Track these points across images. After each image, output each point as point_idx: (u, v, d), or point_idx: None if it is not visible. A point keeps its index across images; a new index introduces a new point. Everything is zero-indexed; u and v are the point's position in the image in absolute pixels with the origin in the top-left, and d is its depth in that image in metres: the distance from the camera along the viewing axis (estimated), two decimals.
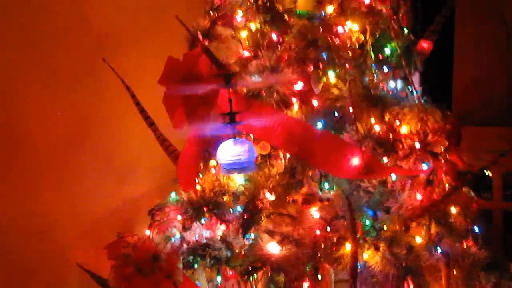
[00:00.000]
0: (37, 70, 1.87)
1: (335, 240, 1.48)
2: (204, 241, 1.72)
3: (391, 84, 1.70)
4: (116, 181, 2.18)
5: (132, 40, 2.25)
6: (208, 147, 1.66)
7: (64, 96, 1.96)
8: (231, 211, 1.75)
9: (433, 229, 1.63)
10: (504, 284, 1.78)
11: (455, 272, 1.69)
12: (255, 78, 1.61)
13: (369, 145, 1.53)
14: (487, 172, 1.96)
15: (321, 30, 1.55)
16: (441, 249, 1.68)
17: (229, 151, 1.33)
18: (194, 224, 1.82)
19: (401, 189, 1.70)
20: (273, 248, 1.51)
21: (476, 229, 1.79)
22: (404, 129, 1.68)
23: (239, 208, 1.76)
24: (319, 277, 1.49)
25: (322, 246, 1.48)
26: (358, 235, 1.47)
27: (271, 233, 1.56)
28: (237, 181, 1.75)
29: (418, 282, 1.52)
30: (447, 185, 1.72)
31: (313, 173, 1.60)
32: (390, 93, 1.67)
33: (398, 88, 1.73)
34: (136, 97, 1.86)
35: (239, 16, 1.65)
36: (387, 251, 1.53)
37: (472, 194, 1.82)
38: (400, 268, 1.50)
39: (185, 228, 1.83)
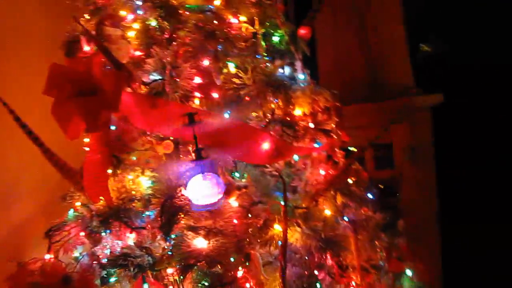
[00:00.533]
0: None
1: (261, 224, 1.52)
2: (118, 252, 1.64)
3: (281, 70, 1.77)
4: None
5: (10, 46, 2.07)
6: (114, 153, 1.59)
7: None
8: (142, 216, 1.71)
9: (339, 200, 1.75)
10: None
11: (360, 238, 1.84)
12: (154, 76, 1.58)
13: (276, 129, 1.59)
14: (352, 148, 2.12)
15: (216, 22, 1.58)
16: (347, 218, 1.81)
17: (201, 189, 1.34)
18: (103, 236, 1.73)
19: (303, 168, 1.80)
20: (201, 243, 1.50)
21: (370, 196, 1.96)
22: (298, 111, 1.78)
23: (148, 213, 1.72)
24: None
25: (250, 231, 1.51)
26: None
27: (194, 229, 1.54)
28: (144, 184, 1.70)
29: (338, 251, 1.62)
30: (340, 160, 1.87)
31: (225, 163, 1.61)
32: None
33: (287, 74, 1.81)
34: (14, 112, 1.70)
35: (130, 14, 1.60)
36: (304, 226, 1.60)
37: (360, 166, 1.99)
38: (321, 240, 1.58)
39: (94, 243, 1.73)
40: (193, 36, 1.55)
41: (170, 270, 1.61)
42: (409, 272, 2.02)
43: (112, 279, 1.75)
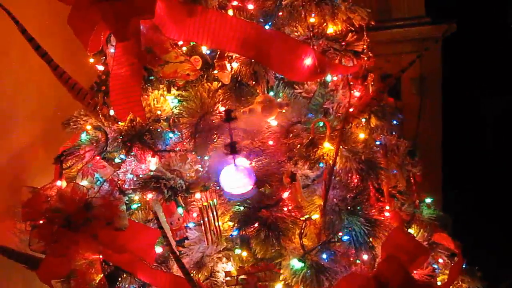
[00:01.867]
0: None
1: (306, 143, 1.43)
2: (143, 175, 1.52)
3: None
4: None
5: None
6: (144, 65, 1.44)
7: None
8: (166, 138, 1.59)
9: (373, 123, 1.68)
10: None
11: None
12: None
13: (321, 44, 1.48)
14: None
15: None
16: (380, 141, 1.75)
17: (232, 179, 1.33)
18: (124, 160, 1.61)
19: (335, 89, 1.71)
20: (243, 162, 1.39)
21: (394, 122, 1.90)
22: (330, 29, 1.67)
23: (171, 134, 1.60)
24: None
25: (296, 151, 1.42)
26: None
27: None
28: (170, 104, 1.57)
29: (377, 174, 1.55)
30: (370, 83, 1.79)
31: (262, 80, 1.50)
32: None
33: None
34: (21, 24, 1.50)
35: None
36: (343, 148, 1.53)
37: None
38: (361, 163, 1.51)
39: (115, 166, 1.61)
40: None
41: (198, 195, 1.52)
42: (428, 200, 2.01)
43: (134, 206, 1.66)
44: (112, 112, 1.60)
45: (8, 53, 1.86)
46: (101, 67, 1.72)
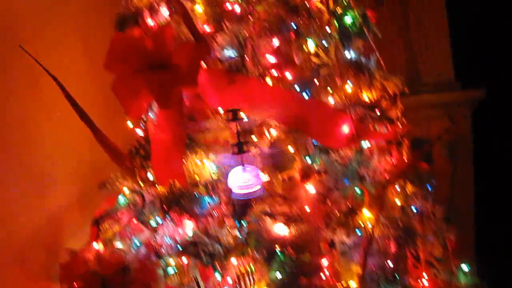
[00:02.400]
0: None
1: (345, 210, 1.44)
2: (181, 240, 1.53)
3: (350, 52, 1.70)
4: (35, 191, 1.83)
5: (44, 22, 1.94)
6: (187, 131, 1.48)
7: None
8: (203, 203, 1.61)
9: (409, 189, 1.68)
10: None
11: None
12: (228, 52, 1.48)
13: (358, 112, 1.51)
14: None
15: None
16: (416, 208, 1.75)
17: (240, 179, 1.38)
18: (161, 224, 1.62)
19: (370, 155, 1.72)
20: (281, 229, 1.41)
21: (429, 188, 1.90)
22: (365, 97, 1.70)
23: (208, 199, 1.62)
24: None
25: (334, 218, 1.42)
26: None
27: (270, 215, 1.45)
28: (210, 169, 1.59)
29: (414, 241, 1.55)
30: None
31: (299, 147, 1.52)
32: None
33: (353, 57, 1.73)
34: (66, 89, 1.57)
35: None
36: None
37: None
38: (399, 229, 1.51)
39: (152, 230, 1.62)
40: (274, 10, 1.46)
41: (234, 261, 1.52)
42: (465, 268, 1.97)
43: (171, 270, 1.66)
44: (150, 176, 1.64)
45: (50, 117, 1.92)
46: (140, 132, 1.77)
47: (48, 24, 1.98)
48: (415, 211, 1.74)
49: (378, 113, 1.71)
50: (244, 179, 1.38)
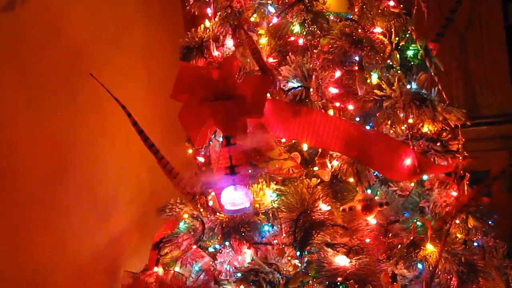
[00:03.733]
0: (19, 93, 1.58)
1: (407, 243, 1.43)
2: (240, 267, 1.55)
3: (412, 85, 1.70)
4: (98, 216, 1.90)
5: (111, 52, 2.03)
6: (250, 161, 1.51)
7: (45, 122, 1.67)
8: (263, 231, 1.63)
9: (471, 223, 1.65)
10: None
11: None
12: (292, 84, 1.52)
13: (420, 145, 1.51)
14: None
15: (360, 30, 1.52)
16: (477, 242, 1.71)
17: (231, 197, 1.43)
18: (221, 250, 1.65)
19: (431, 188, 1.71)
20: (343, 260, 1.41)
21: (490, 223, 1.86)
22: (425, 129, 1.70)
23: (267, 227, 1.64)
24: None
25: (397, 251, 1.42)
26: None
27: (331, 246, 1.45)
28: (269, 198, 1.62)
29: (478, 277, 1.51)
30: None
31: (362, 179, 1.53)
32: None
33: (415, 89, 1.74)
34: (132, 116, 1.63)
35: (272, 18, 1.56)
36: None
37: None
38: (461, 264, 1.49)
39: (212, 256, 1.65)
40: (338, 43, 1.49)
41: None
42: None
43: None
44: (210, 202, 1.68)
45: (113, 143, 1.99)
46: (201, 159, 1.81)
47: (115, 54, 2.08)
48: (476, 245, 1.72)
49: (440, 146, 1.71)
50: (235, 198, 1.43)
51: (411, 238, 1.45)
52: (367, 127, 1.54)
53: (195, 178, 1.67)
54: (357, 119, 1.58)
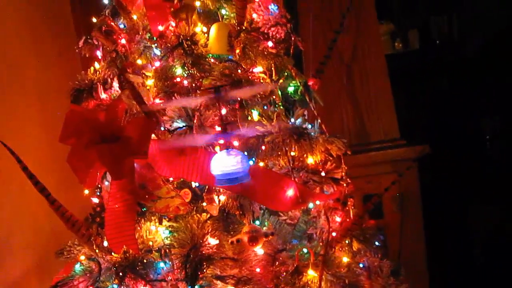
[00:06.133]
0: None
1: (292, 271, 1.51)
2: None
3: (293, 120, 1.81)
4: None
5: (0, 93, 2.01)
6: (138, 201, 1.55)
7: None
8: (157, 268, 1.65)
9: (355, 246, 1.76)
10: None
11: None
12: (177, 123, 1.58)
13: (301, 176, 1.61)
14: None
15: (240, 71, 1.61)
16: (363, 264, 1.82)
17: (223, 162, 1.35)
18: None
19: (317, 215, 1.81)
20: None
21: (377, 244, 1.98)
22: (310, 160, 1.81)
23: (162, 264, 1.67)
24: None
25: (281, 278, 1.49)
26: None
27: (221, 278, 1.51)
28: (162, 235, 1.65)
29: None
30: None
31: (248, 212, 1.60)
32: None
33: (297, 123, 1.84)
34: (22, 161, 1.62)
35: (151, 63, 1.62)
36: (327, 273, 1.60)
37: None
38: (345, 286, 1.58)
39: None
40: (218, 84, 1.57)
41: None
42: None
43: None
44: (106, 243, 1.69)
45: (8, 186, 1.96)
46: (96, 200, 1.82)
47: (4, 95, 2.06)
48: (362, 267, 1.83)
49: (324, 175, 1.81)
50: (227, 163, 1.35)
51: (295, 265, 1.53)
52: (250, 162, 1.61)
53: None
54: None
